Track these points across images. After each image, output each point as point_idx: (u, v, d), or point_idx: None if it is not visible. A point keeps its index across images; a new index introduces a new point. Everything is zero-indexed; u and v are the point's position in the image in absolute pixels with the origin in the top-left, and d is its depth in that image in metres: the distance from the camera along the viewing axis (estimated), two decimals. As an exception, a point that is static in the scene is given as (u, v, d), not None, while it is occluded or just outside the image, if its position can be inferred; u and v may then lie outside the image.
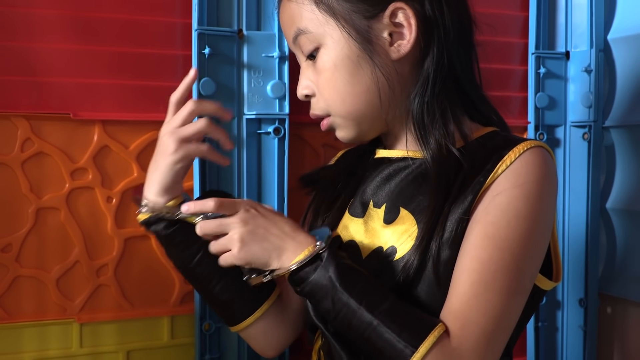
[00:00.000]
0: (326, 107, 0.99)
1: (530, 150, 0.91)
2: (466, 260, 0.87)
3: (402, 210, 0.97)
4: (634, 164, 1.49)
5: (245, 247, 0.91)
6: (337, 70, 0.95)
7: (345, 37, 0.95)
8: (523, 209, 0.88)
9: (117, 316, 1.23)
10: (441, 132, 0.94)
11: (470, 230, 0.89)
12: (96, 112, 1.19)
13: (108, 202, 1.21)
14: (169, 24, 1.23)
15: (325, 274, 0.88)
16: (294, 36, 0.98)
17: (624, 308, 1.54)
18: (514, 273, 0.87)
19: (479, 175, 0.91)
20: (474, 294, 0.85)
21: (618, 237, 1.54)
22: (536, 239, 0.90)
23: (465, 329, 0.84)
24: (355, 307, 0.86)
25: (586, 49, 1.51)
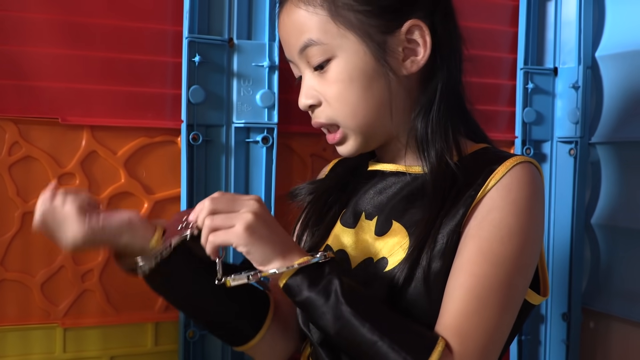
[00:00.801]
0: (334, 117, 0.98)
1: (520, 165, 0.93)
2: (461, 276, 0.88)
3: (394, 224, 0.97)
4: (619, 180, 1.50)
5: (253, 233, 0.86)
6: (352, 83, 0.95)
7: (362, 51, 0.94)
8: (515, 226, 0.89)
9: (102, 322, 1.23)
10: (442, 146, 0.95)
11: (464, 245, 0.90)
12: (85, 117, 1.19)
13: (95, 208, 1.20)
14: (160, 31, 1.24)
15: (329, 286, 0.86)
16: (303, 46, 0.96)
17: (607, 323, 1.54)
18: (508, 289, 0.88)
19: (470, 189, 0.92)
20: (472, 311, 0.86)
21: (602, 253, 1.55)
22: (528, 254, 0.91)
23: (463, 345, 0.86)
24: (359, 325, 0.84)
25: (574, 66, 1.52)
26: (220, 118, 1.26)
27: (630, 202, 1.47)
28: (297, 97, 1.28)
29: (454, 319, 0.87)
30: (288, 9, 0.98)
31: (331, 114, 0.98)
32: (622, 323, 1.50)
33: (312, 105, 0.99)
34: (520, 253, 0.89)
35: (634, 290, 1.47)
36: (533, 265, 0.94)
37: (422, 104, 0.97)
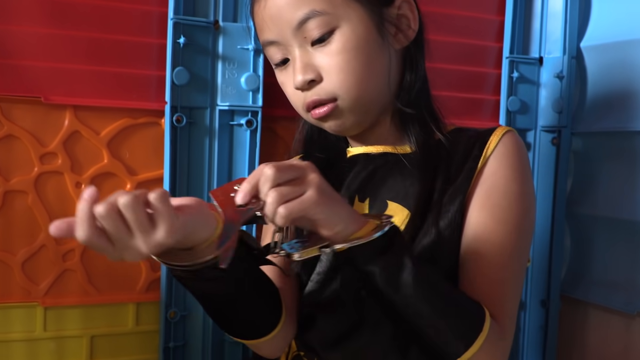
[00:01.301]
0: (336, 90, 0.94)
1: (508, 133, 0.98)
2: (482, 246, 0.92)
3: (390, 204, 0.98)
4: (601, 170, 1.52)
5: (324, 195, 0.77)
6: (359, 52, 0.93)
7: (366, 20, 0.94)
8: (518, 191, 0.95)
9: (82, 301, 1.23)
10: (428, 122, 0.99)
11: (474, 214, 0.94)
12: (68, 97, 1.19)
13: (77, 188, 1.20)
14: (145, 11, 1.23)
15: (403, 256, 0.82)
16: (303, 19, 0.92)
17: (585, 310, 1.56)
18: (522, 252, 0.95)
19: (468, 162, 0.96)
20: (501, 280, 0.91)
21: (582, 241, 1.57)
22: (531, 216, 0.97)
23: (502, 313, 0.90)
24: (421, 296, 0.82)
25: (559, 56, 1.53)
26: (205, 100, 1.25)
27: (610, 191, 1.49)
28: None
29: (488, 288, 0.90)
30: None
31: (333, 87, 0.94)
32: (600, 311, 1.52)
33: (312, 81, 0.95)
34: (527, 216, 0.95)
35: (612, 278, 1.48)
36: (534, 226, 1.00)
37: (407, 81, 0.99)
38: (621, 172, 1.47)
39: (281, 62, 1.00)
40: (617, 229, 1.47)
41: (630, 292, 1.44)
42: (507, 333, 0.91)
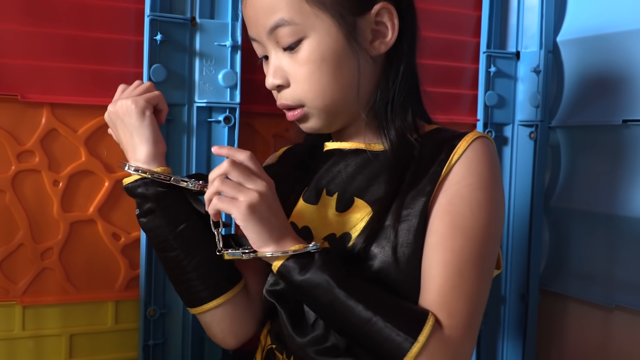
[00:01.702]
0: (302, 98, 0.98)
1: (479, 139, 0.96)
2: (438, 253, 0.91)
3: (356, 200, 0.99)
4: (578, 163, 1.53)
5: (254, 212, 0.88)
6: (324, 63, 0.95)
7: (334, 31, 0.95)
8: (483, 199, 0.93)
9: (61, 300, 1.22)
10: (401, 125, 0.99)
11: (436, 222, 0.93)
12: (45, 94, 1.18)
13: (54, 186, 1.20)
14: (122, 8, 1.23)
15: (320, 273, 0.89)
16: (274, 26, 0.95)
17: (564, 304, 1.57)
18: (483, 258, 0.92)
19: (434, 165, 0.95)
20: (454, 285, 0.90)
21: (560, 235, 1.58)
22: (497, 225, 0.95)
23: (452, 318, 0.89)
24: (353, 305, 0.87)
25: (536, 50, 1.53)
26: (182, 97, 1.25)
27: (587, 185, 1.50)
28: (260, 77, 1.30)
29: (438, 294, 0.90)
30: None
31: (299, 95, 0.98)
32: (579, 304, 1.53)
33: (280, 86, 1.00)
34: (491, 224, 0.93)
35: (591, 271, 1.50)
36: (501, 235, 0.98)
37: (384, 85, 1.00)
38: (598, 166, 1.48)
39: (264, 57, 1.03)
40: (594, 222, 1.48)
41: (608, 285, 1.46)
42: (458, 341, 0.89)
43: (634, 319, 1.41)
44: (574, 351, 1.54)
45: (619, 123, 1.40)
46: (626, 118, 1.40)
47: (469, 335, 0.90)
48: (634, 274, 1.40)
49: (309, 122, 1.01)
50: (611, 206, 1.44)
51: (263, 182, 0.91)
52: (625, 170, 1.42)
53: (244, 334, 1.08)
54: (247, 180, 0.90)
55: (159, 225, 1.00)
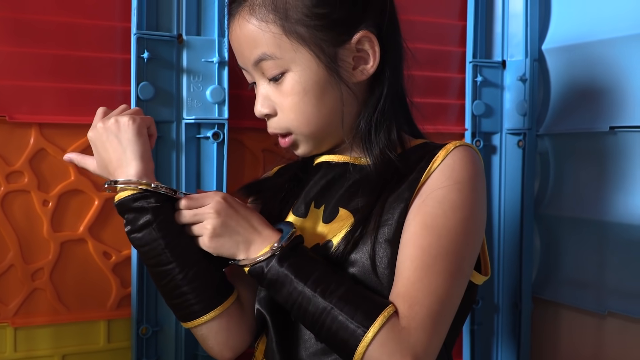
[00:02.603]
0: (288, 126, 1.02)
1: (461, 147, 0.97)
2: (408, 249, 0.92)
3: (340, 210, 1.01)
4: (567, 171, 1.53)
5: (216, 237, 0.96)
6: (306, 95, 0.98)
7: (315, 64, 0.97)
8: (457, 200, 0.94)
9: (53, 320, 1.22)
10: (385, 143, 1.00)
11: (410, 222, 0.94)
12: (33, 115, 1.18)
13: (44, 206, 1.20)
14: (108, 27, 1.23)
15: (280, 267, 0.92)
16: (257, 60, 0.99)
17: (556, 311, 1.57)
18: (453, 257, 0.92)
19: (414, 172, 0.97)
20: (418, 278, 0.90)
21: (551, 242, 1.58)
22: (471, 227, 0.95)
23: (412, 309, 0.88)
24: (310, 295, 0.90)
25: (521, 59, 1.54)
26: (170, 114, 1.25)
27: (577, 192, 1.50)
28: (247, 93, 1.29)
29: (402, 287, 0.90)
30: (239, 22, 0.99)
31: (285, 123, 1.02)
32: (571, 311, 1.54)
33: (268, 115, 1.03)
34: (464, 225, 0.93)
35: (582, 279, 1.50)
36: (478, 239, 0.97)
37: (368, 108, 1.02)
38: (586, 172, 1.49)
39: (253, 84, 1.06)
40: (584, 229, 1.49)
41: (600, 292, 1.46)
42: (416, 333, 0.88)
43: (626, 325, 1.41)
44: (567, 358, 1.54)
45: (606, 130, 1.41)
46: (613, 125, 1.41)
47: (430, 330, 0.88)
48: (625, 280, 1.41)
49: (299, 148, 1.05)
50: (600, 212, 1.44)
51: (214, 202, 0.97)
52: (613, 176, 1.42)
53: (240, 346, 1.08)
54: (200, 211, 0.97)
55: (155, 238, 0.98)
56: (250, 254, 0.96)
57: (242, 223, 0.97)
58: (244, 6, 0.98)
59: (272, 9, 0.96)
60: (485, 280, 1.03)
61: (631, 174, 1.39)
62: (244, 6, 0.98)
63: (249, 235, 0.96)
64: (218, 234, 0.95)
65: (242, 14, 0.98)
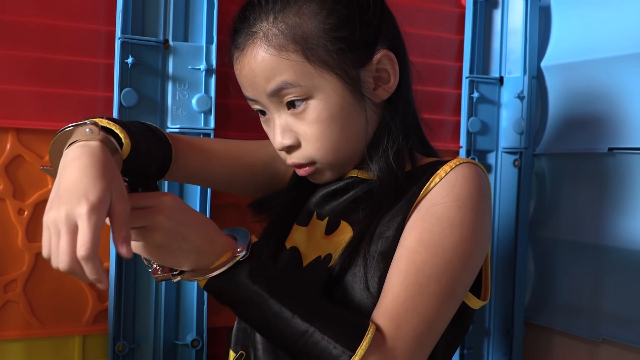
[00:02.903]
0: (314, 156, 0.99)
1: (464, 164, 0.95)
2: (402, 263, 0.89)
3: (342, 223, 1.00)
4: (564, 192, 1.51)
5: (160, 246, 0.84)
6: (333, 121, 0.96)
7: (341, 89, 0.95)
8: (457, 219, 0.91)
9: (26, 334, 1.19)
10: (396, 162, 0.98)
11: (406, 236, 0.92)
12: (10, 119, 1.15)
13: (19, 215, 1.17)
14: (91, 30, 1.20)
15: (253, 284, 0.86)
16: (276, 89, 0.95)
17: (549, 337, 1.55)
18: (447, 279, 0.89)
19: (414, 187, 0.95)
20: (409, 296, 0.87)
21: (545, 266, 1.56)
22: (470, 249, 0.92)
23: (399, 330, 0.86)
24: (288, 317, 0.85)
25: (520, 75, 1.53)
26: (154, 122, 1.20)
27: (573, 214, 1.49)
28: (235, 101, 1.28)
29: (391, 303, 0.88)
30: (254, 54, 0.96)
31: (310, 153, 0.99)
32: (564, 337, 1.51)
33: (291, 146, 0.99)
34: (462, 245, 0.91)
35: (576, 304, 1.48)
36: (477, 262, 0.95)
37: (384, 127, 1.00)
38: (584, 195, 1.47)
39: (260, 112, 1.03)
40: (580, 252, 1.47)
41: (594, 318, 1.44)
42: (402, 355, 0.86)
43: (620, 353, 1.39)
44: (559, 386, 1.52)
45: (604, 151, 1.39)
46: (612, 146, 1.39)
47: (415, 352, 0.87)
48: (620, 306, 1.39)
49: (320, 177, 1.03)
50: (597, 236, 1.42)
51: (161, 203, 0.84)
52: (611, 199, 1.40)
53: None
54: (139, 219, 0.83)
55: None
56: (201, 265, 0.86)
57: (194, 229, 0.86)
58: (257, 37, 0.95)
59: (291, 38, 0.94)
60: (482, 305, 1.00)
61: (630, 197, 1.37)
62: (257, 37, 0.95)
63: (201, 244, 0.86)
64: (162, 243, 0.83)
65: (256, 44, 0.95)
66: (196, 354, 1.27)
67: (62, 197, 0.76)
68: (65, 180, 0.77)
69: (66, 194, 0.75)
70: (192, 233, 0.85)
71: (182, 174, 1.06)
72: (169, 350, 1.25)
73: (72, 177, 0.77)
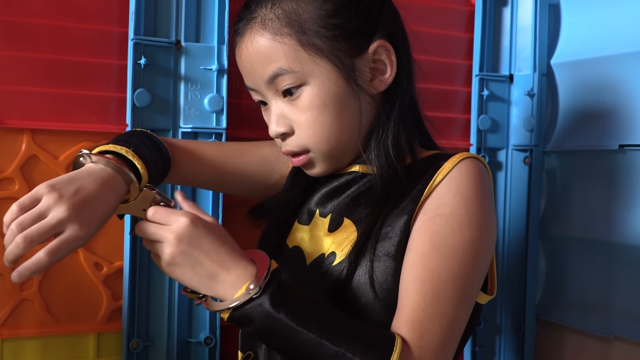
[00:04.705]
0: (307, 144, 0.99)
1: (467, 160, 0.96)
2: (415, 270, 0.90)
3: (345, 220, 1.00)
4: (575, 189, 1.51)
5: (173, 266, 0.87)
6: (326, 108, 0.96)
7: (334, 75, 0.96)
8: (465, 218, 0.92)
9: (41, 332, 1.20)
10: (394, 153, 0.98)
11: (415, 240, 0.92)
12: (25, 120, 1.16)
13: (35, 214, 1.17)
14: (104, 32, 1.21)
15: (275, 315, 0.85)
16: (272, 76, 0.96)
17: (561, 334, 1.55)
18: (463, 281, 0.90)
19: (418, 184, 0.95)
20: (429, 304, 0.88)
21: (557, 263, 1.56)
22: (480, 247, 0.93)
23: (424, 339, 0.87)
24: (317, 342, 0.84)
25: (529, 73, 1.53)
26: (167, 122, 1.23)
27: (584, 211, 1.49)
28: (246, 101, 1.28)
29: (412, 312, 0.88)
30: (251, 38, 0.98)
31: (304, 141, 0.99)
32: (576, 334, 1.52)
33: (285, 134, 1.01)
34: (472, 245, 0.91)
35: (588, 301, 1.48)
36: (487, 259, 0.96)
37: (380, 119, 1.00)
38: (595, 192, 1.47)
39: (262, 103, 1.04)
40: (592, 249, 1.47)
41: (607, 314, 1.44)
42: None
43: (633, 350, 1.39)
44: (572, 383, 1.53)
45: (615, 148, 1.39)
46: (622, 143, 1.39)
47: (440, 358, 0.88)
48: (633, 303, 1.39)
49: (314, 168, 1.03)
50: (609, 233, 1.42)
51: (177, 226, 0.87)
52: (623, 196, 1.41)
53: None
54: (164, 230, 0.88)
55: None
56: (219, 294, 0.87)
57: (209, 254, 0.87)
58: (255, 22, 0.97)
59: (286, 22, 0.95)
60: (490, 299, 1.01)
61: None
62: (255, 22, 0.97)
63: (215, 270, 0.87)
64: (176, 263, 0.86)
65: (253, 29, 0.97)
66: (209, 352, 1.28)
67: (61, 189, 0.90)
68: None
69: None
70: (204, 258, 0.87)
71: (176, 177, 1.09)
72: (183, 347, 1.26)
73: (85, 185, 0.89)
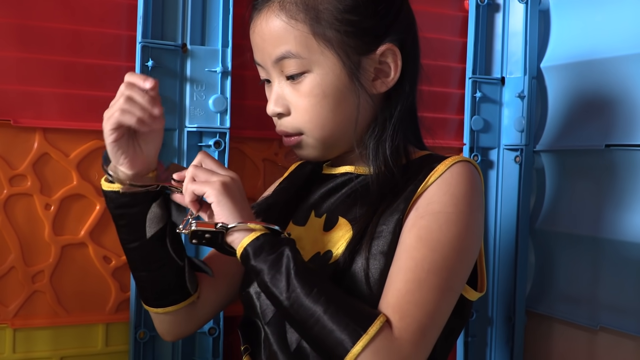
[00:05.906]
0: (301, 127, 1.01)
1: (459, 163, 0.98)
2: (401, 261, 0.92)
3: (340, 219, 1.02)
4: (562, 187, 1.55)
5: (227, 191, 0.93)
6: (325, 98, 0.98)
7: (338, 69, 0.98)
8: (453, 215, 0.94)
9: (52, 322, 1.23)
10: (390, 154, 1.00)
11: (405, 234, 0.94)
12: (37, 119, 1.19)
13: (46, 210, 1.21)
14: (114, 35, 1.24)
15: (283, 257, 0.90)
16: (279, 57, 0.98)
17: (549, 325, 1.58)
18: (446, 272, 0.92)
19: (411, 184, 0.98)
20: (410, 290, 0.90)
21: (545, 257, 1.59)
22: (466, 243, 0.95)
23: (403, 321, 0.88)
24: (308, 292, 0.88)
25: (520, 76, 1.56)
26: (173, 122, 1.27)
27: (571, 208, 1.51)
28: (249, 102, 1.31)
29: (394, 297, 0.90)
30: (267, 16, 0.99)
31: (298, 124, 1.01)
32: (564, 325, 1.54)
33: (280, 114, 1.02)
34: (458, 240, 0.94)
35: (575, 293, 1.51)
36: (472, 256, 0.98)
37: (381, 122, 1.02)
38: (582, 189, 1.50)
39: (266, 80, 1.06)
40: (579, 244, 1.50)
41: (593, 306, 1.47)
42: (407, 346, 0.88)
43: (618, 340, 1.42)
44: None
45: (601, 147, 1.42)
46: (609, 142, 1.41)
47: (419, 343, 0.89)
48: (617, 295, 1.42)
49: (304, 150, 1.04)
50: (595, 229, 1.45)
51: (231, 172, 0.96)
52: (608, 193, 1.43)
53: (183, 335, 1.14)
54: (219, 167, 0.96)
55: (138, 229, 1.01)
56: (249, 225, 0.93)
57: (246, 203, 0.96)
58: (274, 2, 0.98)
59: (303, 8, 0.96)
60: (479, 296, 1.03)
61: (626, 192, 1.40)
62: (274, 2, 0.98)
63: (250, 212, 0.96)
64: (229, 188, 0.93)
65: (271, 8, 0.98)
66: (213, 342, 1.31)
67: None
68: None
69: None
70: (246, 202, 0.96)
71: None
72: (187, 337, 1.28)
73: None
